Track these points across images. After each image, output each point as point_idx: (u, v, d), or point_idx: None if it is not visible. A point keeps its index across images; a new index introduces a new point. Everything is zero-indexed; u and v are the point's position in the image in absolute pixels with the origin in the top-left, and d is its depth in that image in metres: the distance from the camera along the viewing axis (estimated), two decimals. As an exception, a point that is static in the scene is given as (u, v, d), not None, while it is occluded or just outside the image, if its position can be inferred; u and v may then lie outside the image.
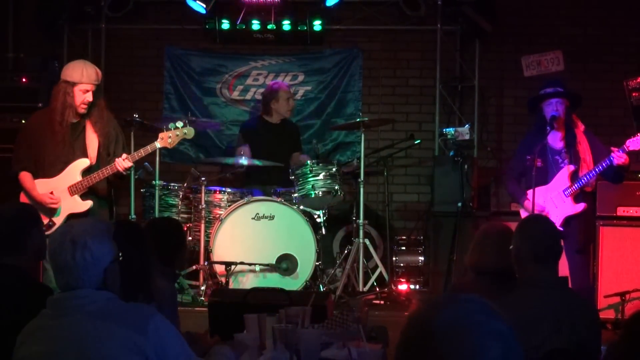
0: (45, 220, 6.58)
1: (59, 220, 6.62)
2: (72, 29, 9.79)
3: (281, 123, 8.73)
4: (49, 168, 6.69)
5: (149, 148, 6.79)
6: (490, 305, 1.81)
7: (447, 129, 9.12)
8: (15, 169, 6.77)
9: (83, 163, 6.66)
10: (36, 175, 6.71)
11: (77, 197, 6.65)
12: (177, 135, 6.81)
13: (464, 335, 1.73)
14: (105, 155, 6.76)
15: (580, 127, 6.99)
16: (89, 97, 6.64)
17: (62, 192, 6.65)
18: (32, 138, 6.76)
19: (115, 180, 6.88)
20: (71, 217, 6.62)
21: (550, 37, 9.74)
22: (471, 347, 1.72)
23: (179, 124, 6.86)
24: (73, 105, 6.64)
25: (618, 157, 6.65)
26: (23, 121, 8.87)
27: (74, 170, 6.65)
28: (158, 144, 6.82)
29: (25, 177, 6.72)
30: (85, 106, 6.65)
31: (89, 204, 6.67)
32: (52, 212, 6.67)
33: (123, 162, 6.59)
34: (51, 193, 6.66)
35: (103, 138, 6.73)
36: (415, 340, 1.77)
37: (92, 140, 6.70)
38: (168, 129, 6.83)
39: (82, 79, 6.62)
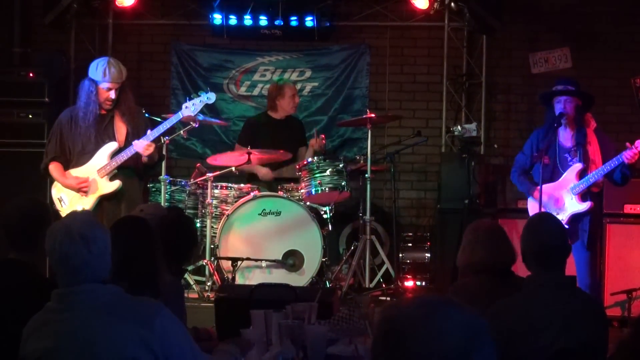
0: (78, 207, 6.76)
1: (90, 203, 6.74)
2: (79, 24, 9.79)
3: (286, 119, 8.72)
4: (79, 157, 6.88)
5: (173, 119, 6.87)
6: (452, 300, 1.94)
7: (454, 126, 9.12)
8: (45, 162, 6.93)
9: (111, 146, 6.81)
10: (67, 166, 6.86)
11: (106, 179, 6.77)
12: (200, 102, 6.92)
13: (424, 325, 1.87)
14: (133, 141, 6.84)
15: (592, 125, 6.97)
16: (112, 95, 6.78)
17: (92, 176, 6.79)
18: (62, 131, 6.93)
19: (145, 168, 7.00)
20: (102, 199, 6.83)
21: (557, 34, 9.72)
22: (426, 334, 1.86)
23: (201, 92, 7.02)
24: (97, 102, 6.76)
25: (631, 157, 6.61)
26: (30, 116, 8.91)
27: (103, 154, 6.82)
28: (182, 113, 6.91)
29: (54, 166, 6.89)
30: (109, 103, 6.77)
31: (117, 184, 6.81)
32: (83, 196, 6.83)
33: (140, 142, 6.67)
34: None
35: (131, 128, 6.83)
36: (380, 337, 1.92)
37: (121, 128, 6.85)
38: (191, 99, 6.93)
39: (104, 78, 6.74)
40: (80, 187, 6.79)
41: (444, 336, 1.84)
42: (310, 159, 7.97)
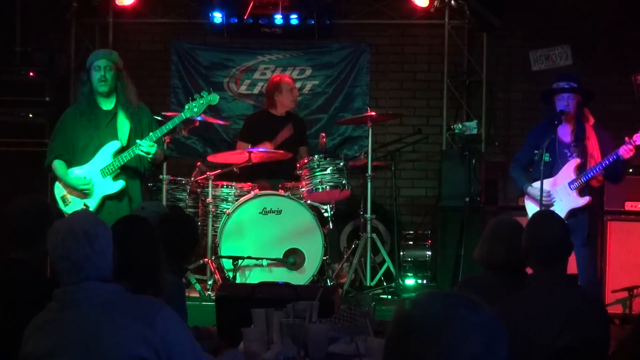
0: (80, 206, 6.76)
1: (93, 203, 6.74)
2: (80, 23, 9.79)
3: (287, 116, 8.71)
4: (82, 155, 6.85)
5: (175, 120, 6.87)
6: (472, 298, 1.88)
7: (455, 124, 9.12)
8: (49, 159, 6.90)
9: (115, 145, 6.78)
10: (71, 164, 6.84)
11: (109, 179, 6.76)
12: (202, 103, 6.92)
13: (442, 328, 1.82)
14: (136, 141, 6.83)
15: (590, 121, 6.99)
16: (101, 72, 6.74)
17: (95, 176, 6.78)
18: (65, 130, 6.91)
19: (149, 166, 6.99)
20: (105, 198, 6.81)
21: (558, 31, 9.72)
22: (450, 340, 1.81)
23: (204, 93, 6.98)
24: (93, 87, 6.74)
25: (626, 151, 6.64)
26: (30, 115, 8.91)
27: (106, 153, 6.79)
28: (185, 114, 6.90)
29: (58, 165, 6.86)
30: (102, 83, 6.73)
31: (120, 184, 6.80)
32: (86, 196, 6.80)
33: (143, 143, 6.68)
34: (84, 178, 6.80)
35: (134, 124, 6.83)
36: (397, 336, 1.87)
37: (124, 125, 6.82)
38: (194, 100, 6.93)
39: (91, 58, 6.79)
40: (82, 191, 6.78)
41: (463, 344, 1.81)
42: (310, 157, 7.98)
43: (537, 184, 6.85)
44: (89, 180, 6.77)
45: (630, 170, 7.87)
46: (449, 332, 1.81)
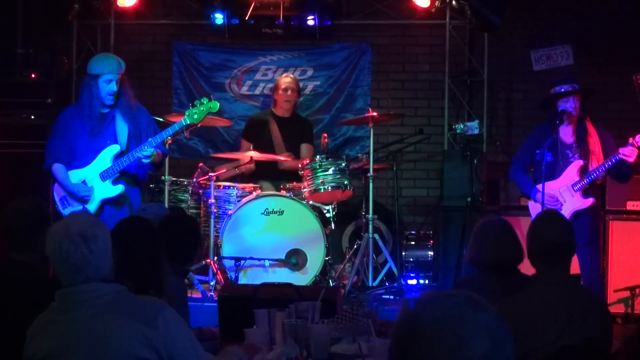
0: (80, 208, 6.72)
1: (92, 207, 6.73)
2: (81, 24, 9.79)
3: (292, 117, 8.70)
4: (81, 158, 6.82)
5: (176, 126, 6.86)
6: (476, 298, 1.86)
7: (457, 124, 9.12)
8: (48, 162, 6.87)
9: (114, 149, 6.76)
10: (69, 167, 6.82)
11: (108, 182, 6.75)
12: (203, 110, 6.89)
13: (447, 328, 1.80)
14: (136, 144, 6.81)
15: (588, 118, 7.02)
16: (113, 86, 6.73)
17: (94, 180, 6.75)
18: (64, 131, 6.88)
19: (150, 167, 6.97)
20: (104, 203, 6.79)
21: (559, 31, 9.72)
22: (456, 340, 1.79)
23: (204, 99, 6.94)
24: (99, 97, 6.73)
25: (628, 153, 6.65)
26: (32, 117, 8.90)
27: (106, 157, 6.77)
28: (185, 121, 6.88)
29: (58, 168, 6.82)
30: (111, 97, 6.74)
31: (120, 188, 6.77)
32: (85, 202, 6.78)
33: (144, 151, 6.66)
34: (83, 182, 6.76)
35: (133, 127, 6.81)
36: (403, 337, 1.84)
37: (122, 128, 6.81)
38: (194, 106, 6.90)
39: (103, 69, 6.73)
40: (82, 197, 6.76)
41: (471, 344, 1.79)
42: (312, 158, 7.98)
43: (540, 186, 6.85)
44: (90, 188, 6.75)
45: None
46: (456, 332, 1.79)
